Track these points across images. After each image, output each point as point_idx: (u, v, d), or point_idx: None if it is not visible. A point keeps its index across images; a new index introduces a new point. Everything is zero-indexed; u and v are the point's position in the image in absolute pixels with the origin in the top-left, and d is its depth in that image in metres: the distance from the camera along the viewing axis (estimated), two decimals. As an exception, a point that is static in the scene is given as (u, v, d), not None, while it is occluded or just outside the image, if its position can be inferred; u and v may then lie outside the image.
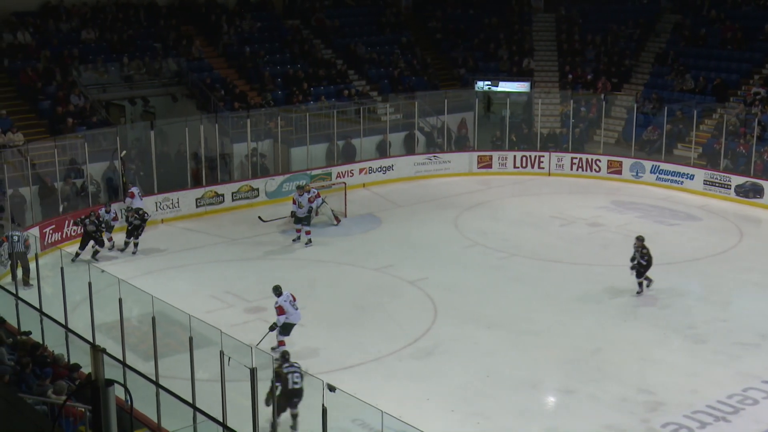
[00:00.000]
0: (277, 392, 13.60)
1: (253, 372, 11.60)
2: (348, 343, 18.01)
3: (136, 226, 23.18)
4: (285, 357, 14.16)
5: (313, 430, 11.78)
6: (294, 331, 17.81)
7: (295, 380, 13.74)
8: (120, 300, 14.08)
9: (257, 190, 27.89)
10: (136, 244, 23.25)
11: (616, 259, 22.86)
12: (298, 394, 13.82)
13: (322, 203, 25.29)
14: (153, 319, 13.45)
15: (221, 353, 12.40)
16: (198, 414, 12.65)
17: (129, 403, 6.89)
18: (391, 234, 25.09)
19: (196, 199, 26.65)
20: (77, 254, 22.06)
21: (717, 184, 28.70)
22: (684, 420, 14.85)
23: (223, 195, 27.18)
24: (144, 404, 12.66)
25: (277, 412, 13.56)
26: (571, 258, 22.80)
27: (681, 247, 23.88)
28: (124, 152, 26.01)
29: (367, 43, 36.69)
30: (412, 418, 13.24)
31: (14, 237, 20.47)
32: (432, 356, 17.40)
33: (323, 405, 10.90)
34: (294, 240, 23.77)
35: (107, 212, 23.12)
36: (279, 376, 13.60)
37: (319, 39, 36.12)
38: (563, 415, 15.30)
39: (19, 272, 20.34)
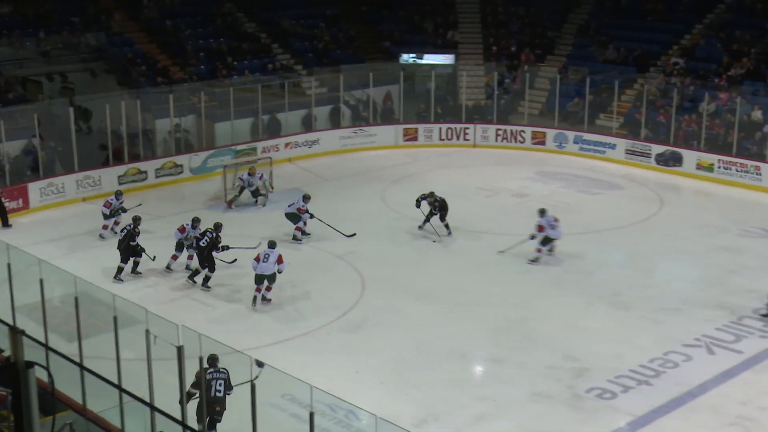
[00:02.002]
0: (195, 398, 12.60)
1: (180, 350, 11.46)
2: (276, 318, 17.97)
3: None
4: (212, 361, 12.88)
5: (242, 408, 11.73)
6: (222, 307, 17.96)
7: (218, 388, 12.68)
8: (41, 281, 13.79)
9: (181, 166, 27.55)
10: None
11: (541, 228, 23.18)
12: (219, 402, 12.73)
13: (266, 180, 25.39)
14: (75, 299, 13.20)
15: (147, 332, 12.24)
16: (124, 394, 12.50)
17: (50, 384, 6.77)
18: (318, 208, 24.91)
19: (119, 177, 26.21)
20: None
21: (638, 154, 29.21)
22: (608, 384, 15.16)
23: (146, 172, 26.79)
24: (69, 386, 12.46)
25: (202, 422, 12.60)
26: (499, 228, 23.02)
27: (604, 216, 24.29)
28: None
29: (292, 16, 36.38)
30: (342, 391, 13.28)
31: None
32: (361, 329, 17.45)
33: (252, 381, 10.84)
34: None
35: (117, 198, 22.59)
36: (199, 383, 12.52)
37: (242, 12, 35.68)
38: (492, 384, 15.49)
39: None
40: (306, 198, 22.48)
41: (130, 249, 19.86)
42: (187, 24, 33.58)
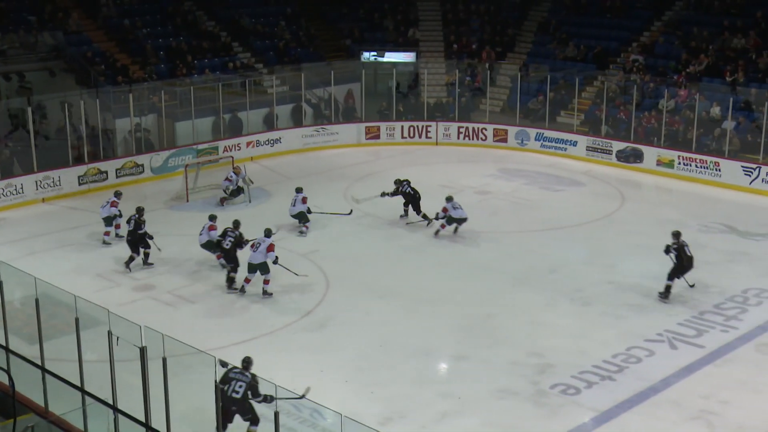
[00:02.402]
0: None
1: (142, 351, 11.37)
2: (240, 318, 17.88)
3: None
4: (244, 363, 13.31)
5: (206, 407, 11.67)
6: (185, 307, 17.97)
7: (236, 389, 12.81)
8: (0, 282, 13.61)
9: (142, 166, 27.31)
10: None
11: (504, 225, 23.29)
12: (235, 403, 12.77)
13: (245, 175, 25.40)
14: (36, 300, 13.04)
15: (109, 333, 12.12)
16: (87, 397, 12.37)
17: (11, 387, 6.68)
18: (281, 207, 24.88)
19: (79, 177, 25.93)
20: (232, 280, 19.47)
21: (599, 150, 29.42)
22: (572, 380, 15.23)
23: (106, 172, 26.52)
24: (30, 388, 12.31)
25: (222, 419, 12.56)
26: (462, 226, 23.05)
27: (566, 213, 24.41)
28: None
29: (252, 14, 36.20)
30: (306, 390, 13.23)
31: None
32: (325, 328, 17.40)
33: (216, 381, 10.78)
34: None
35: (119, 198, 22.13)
36: (223, 380, 12.81)
37: (202, 11, 35.45)
38: (456, 381, 15.51)
39: None
40: (301, 189, 22.89)
41: (138, 238, 20.15)
42: (145, 22, 33.28)
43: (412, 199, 23.24)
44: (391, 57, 35.70)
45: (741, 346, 16.66)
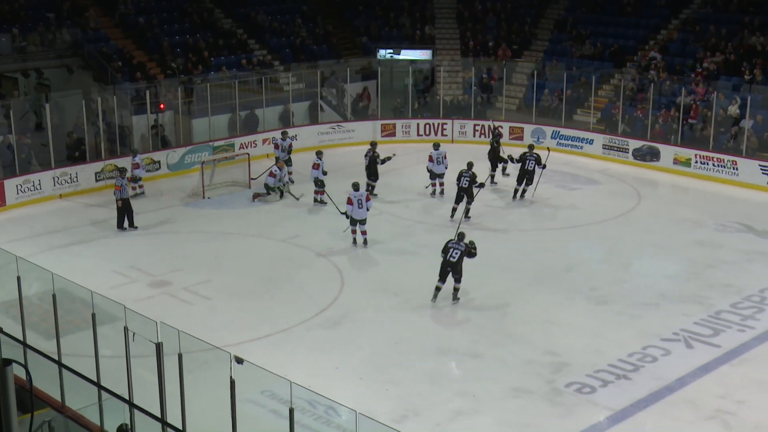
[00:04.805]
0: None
1: (158, 347, 11.41)
2: (255, 315, 17.91)
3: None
4: (460, 236, 18.11)
5: (221, 404, 11.69)
6: (201, 303, 17.89)
7: (453, 255, 17.69)
8: (18, 278, 13.68)
9: (158, 162, 27.40)
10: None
11: (520, 224, 23.24)
12: (450, 265, 17.76)
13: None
14: (53, 296, 13.11)
15: (125, 329, 12.17)
16: (103, 392, 12.42)
17: (29, 382, 6.72)
18: (296, 204, 24.97)
19: (96, 173, 26.02)
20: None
21: (615, 149, 29.33)
22: (587, 379, 15.20)
23: (123, 168, 26.55)
24: (47, 383, 12.38)
25: (440, 277, 18.00)
26: (477, 224, 23.02)
27: (582, 211, 24.35)
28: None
29: (268, 11, 36.24)
30: (321, 387, 13.26)
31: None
32: (340, 326, 17.42)
33: (231, 377, 10.80)
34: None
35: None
36: (444, 249, 17.79)
37: (218, 8, 35.52)
38: (471, 380, 15.49)
39: None
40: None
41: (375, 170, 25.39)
42: (162, 20, 33.37)
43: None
44: (407, 54, 35.69)
45: (758, 345, 16.59)
